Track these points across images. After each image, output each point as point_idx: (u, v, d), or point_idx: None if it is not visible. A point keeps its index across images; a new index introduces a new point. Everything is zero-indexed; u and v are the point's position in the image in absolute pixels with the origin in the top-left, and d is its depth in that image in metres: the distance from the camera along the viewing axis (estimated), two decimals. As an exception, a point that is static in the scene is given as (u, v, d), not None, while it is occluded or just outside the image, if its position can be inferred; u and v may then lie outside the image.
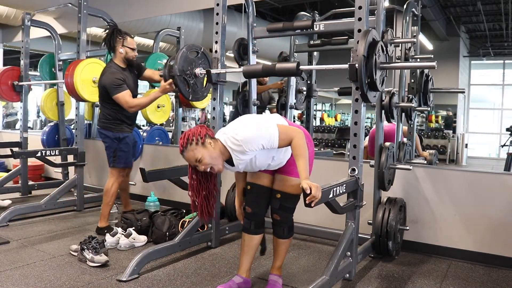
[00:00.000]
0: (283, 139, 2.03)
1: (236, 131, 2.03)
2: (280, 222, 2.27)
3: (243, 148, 2.00)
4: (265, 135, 2.01)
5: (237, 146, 2.01)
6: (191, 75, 2.96)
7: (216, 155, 2.04)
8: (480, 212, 2.95)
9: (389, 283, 2.53)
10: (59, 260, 2.72)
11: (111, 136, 3.29)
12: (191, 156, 2.02)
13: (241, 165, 2.13)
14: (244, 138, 1.99)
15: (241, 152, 2.03)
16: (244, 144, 1.99)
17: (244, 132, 2.02)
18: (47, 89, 5.16)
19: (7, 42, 7.24)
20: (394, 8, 5.00)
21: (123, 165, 3.36)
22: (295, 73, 2.59)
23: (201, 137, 2.02)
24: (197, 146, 2.01)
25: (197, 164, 2.02)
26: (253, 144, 2.00)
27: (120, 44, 3.25)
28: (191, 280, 2.47)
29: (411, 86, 3.54)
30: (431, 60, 2.51)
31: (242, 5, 3.40)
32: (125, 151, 3.34)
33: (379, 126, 2.99)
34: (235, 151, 2.04)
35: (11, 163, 5.81)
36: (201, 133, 2.04)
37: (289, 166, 2.22)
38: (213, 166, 2.04)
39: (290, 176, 2.21)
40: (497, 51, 13.04)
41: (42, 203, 3.78)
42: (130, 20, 5.71)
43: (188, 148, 2.02)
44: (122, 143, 3.32)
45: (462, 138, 9.98)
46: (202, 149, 2.01)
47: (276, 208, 2.25)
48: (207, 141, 2.03)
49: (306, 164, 1.97)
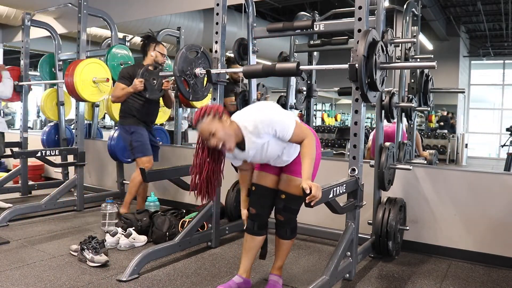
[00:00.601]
0: (297, 134, 2.03)
1: (255, 111, 2.05)
2: (284, 223, 2.27)
3: (258, 129, 1.99)
4: (282, 121, 2.01)
5: (253, 126, 2.00)
6: (191, 75, 2.96)
7: (230, 133, 2.01)
8: (480, 212, 2.95)
9: (389, 283, 2.53)
10: (59, 260, 2.72)
11: (123, 130, 3.57)
12: (205, 128, 1.98)
13: (251, 151, 2.10)
14: (262, 118, 2.00)
15: (255, 134, 2.01)
16: (260, 124, 1.99)
17: (263, 112, 2.03)
18: (47, 89, 5.16)
19: (7, 42, 7.24)
20: (394, 8, 5.00)
21: (141, 154, 3.49)
22: (295, 73, 2.59)
23: (219, 112, 2.01)
24: (214, 119, 1.99)
25: (210, 137, 1.98)
26: (269, 126, 1.99)
27: (152, 48, 3.53)
28: (191, 280, 2.47)
29: (411, 86, 3.54)
30: (431, 60, 2.51)
31: (242, 5, 3.40)
32: (139, 141, 3.50)
33: (379, 126, 2.99)
34: (250, 132, 2.02)
35: (11, 163, 5.81)
36: (219, 108, 2.04)
37: (296, 165, 2.21)
38: (225, 142, 1.99)
39: (296, 176, 2.19)
40: (497, 51, 13.05)
41: (42, 203, 3.78)
42: (130, 20, 5.71)
43: (204, 120, 1.99)
44: (134, 135, 3.49)
45: (462, 138, 9.98)
46: (218, 123, 1.99)
47: (280, 208, 2.24)
48: (224, 117, 2.02)
49: (310, 164, 1.98)
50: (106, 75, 3.97)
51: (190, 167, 2.15)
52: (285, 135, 2.02)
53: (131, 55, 4.41)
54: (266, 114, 2.02)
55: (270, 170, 2.28)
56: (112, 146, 4.27)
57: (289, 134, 2.02)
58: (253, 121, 2.01)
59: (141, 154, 3.50)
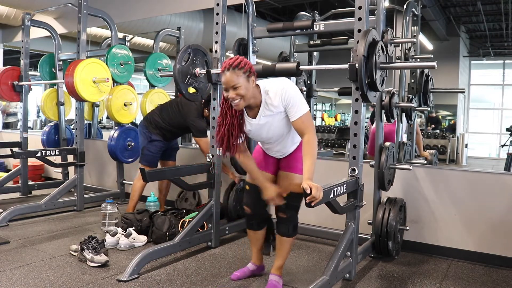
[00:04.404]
0: (304, 121, 2.05)
1: (281, 81, 2.08)
2: (286, 220, 2.28)
3: (277, 96, 2.03)
4: (299, 100, 2.05)
5: (275, 92, 2.03)
6: (192, 75, 2.98)
7: (251, 93, 2.03)
8: (480, 212, 2.95)
9: (389, 283, 2.53)
10: (59, 260, 2.72)
11: (143, 133, 3.62)
12: (231, 78, 1.99)
13: (262, 119, 2.11)
14: (286, 87, 2.04)
15: (273, 100, 2.04)
16: (281, 91, 2.02)
17: (287, 84, 2.06)
18: (47, 89, 5.15)
19: (7, 42, 7.23)
20: (394, 8, 5.00)
21: (146, 163, 3.59)
22: (295, 73, 2.59)
23: (250, 71, 2.03)
24: (243, 74, 2.00)
25: (231, 89, 2.00)
26: (287, 97, 2.02)
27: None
28: (191, 280, 2.47)
29: (411, 86, 3.54)
30: (431, 60, 2.51)
31: (242, 5, 3.40)
32: (151, 152, 3.59)
33: (379, 126, 2.99)
34: (269, 97, 2.05)
35: (11, 163, 5.81)
36: (252, 67, 2.04)
37: (295, 162, 2.24)
38: (243, 98, 2.01)
39: (296, 173, 2.22)
40: (497, 51, 13.03)
41: (42, 203, 3.78)
42: (130, 20, 5.71)
43: (234, 70, 1.99)
44: (150, 144, 3.58)
45: (462, 138, 9.98)
46: (245, 80, 2.01)
47: (283, 207, 2.25)
48: (252, 77, 2.04)
49: (312, 164, 1.99)
50: (106, 75, 3.97)
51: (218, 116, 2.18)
52: (295, 113, 2.04)
53: (131, 55, 4.42)
54: (290, 87, 2.06)
55: (267, 169, 2.30)
56: (112, 146, 4.27)
57: (298, 114, 2.04)
58: (275, 88, 2.04)
59: (146, 163, 3.59)
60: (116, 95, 4.23)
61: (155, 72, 4.66)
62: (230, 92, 2.01)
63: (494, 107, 13.69)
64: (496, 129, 13.04)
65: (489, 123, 13.54)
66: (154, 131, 3.58)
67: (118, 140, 4.28)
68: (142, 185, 3.69)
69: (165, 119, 3.56)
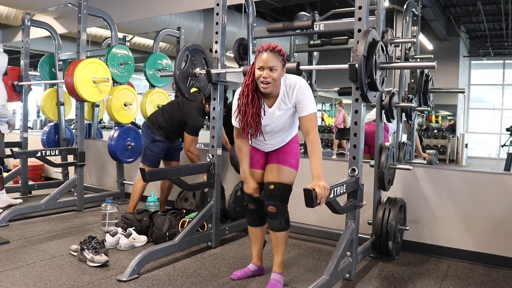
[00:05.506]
0: (311, 119, 2.16)
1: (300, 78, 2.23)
2: (276, 215, 2.29)
3: (296, 89, 2.15)
4: (311, 99, 2.18)
5: (294, 84, 2.16)
6: (192, 75, 2.98)
7: (279, 81, 2.16)
8: (480, 212, 2.95)
9: (389, 283, 2.53)
10: (59, 260, 2.72)
11: (146, 133, 3.64)
12: (270, 60, 2.08)
13: (277, 110, 2.21)
14: (304, 84, 2.18)
15: (291, 92, 2.16)
16: (299, 86, 2.16)
17: (305, 83, 2.21)
18: (47, 89, 5.15)
19: (7, 42, 7.24)
20: (394, 8, 5.00)
21: (148, 163, 3.62)
22: (295, 73, 2.59)
23: (285, 62, 2.16)
24: (281, 61, 2.12)
25: (267, 69, 2.08)
26: (303, 94, 2.15)
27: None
28: (191, 280, 2.47)
29: (411, 86, 3.55)
30: (431, 60, 2.51)
31: (242, 5, 3.40)
32: (153, 153, 3.62)
33: (379, 126, 2.98)
34: (288, 88, 2.17)
35: (11, 163, 5.81)
36: (286, 60, 2.17)
37: (283, 154, 2.33)
38: (272, 81, 2.10)
39: (284, 165, 2.30)
40: (497, 51, 13.04)
41: (42, 203, 3.78)
42: (130, 20, 5.71)
43: (274, 55, 2.10)
44: (153, 144, 3.61)
45: (462, 138, 9.98)
46: (280, 66, 2.12)
47: (271, 199, 2.28)
48: (284, 68, 2.16)
49: (320, 164, 2.07)
50: (106, 75, 3.97)
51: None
52: (304, 110, 2.16)
53: (131, 55, 4.41)
54: (306, 84, 2.20)
55: (255, 166, 2.39)
56: (112, 146, 4.26)
57: (307, 112, 2.16)
58: (296, 81, 2.18)
59: (148, 163, 3.63)
60: (116, 95, 4.23)
61: (155, 72, 4.67)
62: (265, 72, 2.09)
63: (494, 107, 13.70)
64: (496, 129, 13.04)
65: (489, 123, 13.55)
66: (157, 131, 3.60)
67: (118, 140, 4.27)
68: (143, 185, 3.70)
69: (167, 119, 3.59)
